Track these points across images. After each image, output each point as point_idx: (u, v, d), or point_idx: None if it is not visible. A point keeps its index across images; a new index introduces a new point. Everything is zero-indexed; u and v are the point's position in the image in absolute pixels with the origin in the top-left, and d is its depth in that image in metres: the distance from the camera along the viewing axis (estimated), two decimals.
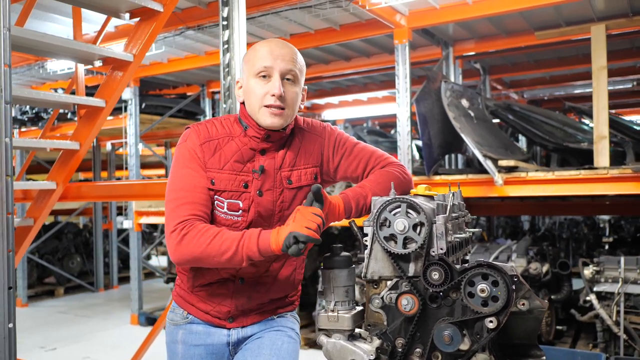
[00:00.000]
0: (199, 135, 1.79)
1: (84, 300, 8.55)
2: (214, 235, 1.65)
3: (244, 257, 1.64)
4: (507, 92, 9.04)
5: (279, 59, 1.75)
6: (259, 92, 1.75)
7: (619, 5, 5.06)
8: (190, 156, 1.77)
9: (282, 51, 1.77)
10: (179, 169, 1.78)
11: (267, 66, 1.74)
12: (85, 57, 3.18)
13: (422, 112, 4.95)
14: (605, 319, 4.40)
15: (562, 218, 10.60)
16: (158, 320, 3.90)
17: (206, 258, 1.66)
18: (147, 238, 12.21)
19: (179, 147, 1.82)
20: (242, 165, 1.78)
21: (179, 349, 1.90)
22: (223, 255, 1.64)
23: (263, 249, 1.63)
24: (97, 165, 8.94)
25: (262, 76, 1.75)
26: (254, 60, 1.77)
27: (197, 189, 1.74)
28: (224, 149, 1.79)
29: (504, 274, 1.49)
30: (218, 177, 1.76)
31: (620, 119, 6.22)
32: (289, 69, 1.76)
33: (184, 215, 1.70)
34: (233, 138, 1.80)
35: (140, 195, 3.80)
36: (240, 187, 1.77)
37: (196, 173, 1.75)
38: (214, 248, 1.64)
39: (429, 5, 4.88)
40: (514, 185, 4.53)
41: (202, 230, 1.66)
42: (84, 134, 3.42)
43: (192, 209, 1.71)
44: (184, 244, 1.66)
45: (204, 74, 7.53)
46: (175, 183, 1.76)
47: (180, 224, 1.68)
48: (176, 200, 1.73)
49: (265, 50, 1.76)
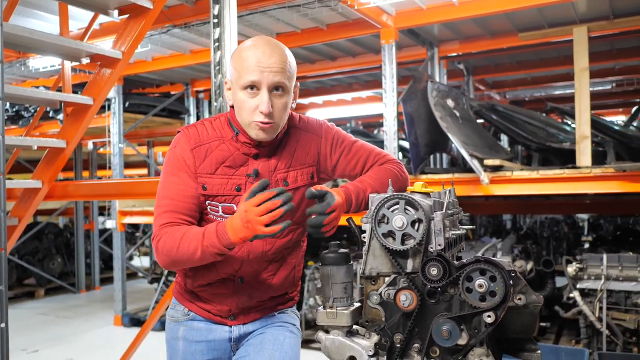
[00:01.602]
0: (189, 140, 1.77)
1: (65, 302, 8.44)
2: (180, 237, 1.65)
3: (212, 253, 1.63)
4: (489, 93, 9.15)
5: (266, 72, 1.66)
6: (248, 107, 1.70)
7: (601, 8, 5.16)
8: (178, 163, 1.76)
9: (270, 60, 1.67)
10: (166, 176, 1.78)
11: (255, 81, 1.67)
12: (73, 54, 3.15)
13: (409, 112, 4.99)
14: (588, 315, 4.48)
15: (543, 217, 10.75)
16: (147, 321, 3.87)
17: (181, 262, 1.68)
18: (130, 238, 12.09)
19: (169, 152, 1.81)
20: (234, 169, 1.77)
21: (179, 346, 1.89)
22: (194, 256, 1.64)
23: (225, 243, 1.60)
24: (78, 165, 8.83)
25: (249, 89, 1.69)
26: (241, 70, 1.69)
27: (179, 197, 1.73)
28: (215, 152, 1.76)
29: (501, 269, 1.52)
30: (210, 182, 1.75)
31: (601, 120, 6.34)
32: (277, 82, 1.68)
33: (162, 223, 1.72)
34: (224, 141, 1.78)
35: (128, 194, 3.77)
36: (232, 191, 1.76)
37: (181, 181, 1.74)
38: (183, 250, 1.64)
39: (416, 6, 4.91)
40: (499, 184, 4.58)
41: (170, 234, 1.67)
42: (70, 132, 3.39)
43: (172, 217, 1.72)
44: (159, 251, 1.69)
45: (189, 73, 7.48)
46: (161, 190, 1.77)
47: (157, 232, 1.71)
48: (159, 208, 1.75)
49: (253, 62, 1.67)
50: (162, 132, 8.75)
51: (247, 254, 1.80)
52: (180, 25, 5.07)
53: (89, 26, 3.81)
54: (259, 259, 1.82)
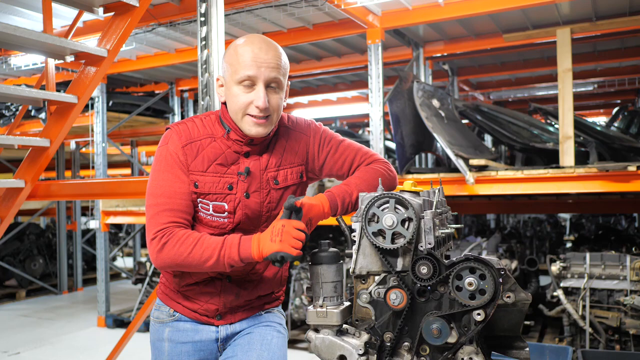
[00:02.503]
0: (180, 136, 1.74)
1: (47, 303, 8.33)
2: (194, 244, 1.64)
3: (226, 264, 1.64)
4: (473, 93, 9.22)
5: (263, 67, 1.68)
6: (242, 101, 1.70)
7: (584, 10, 5.22)
8: (171, 160, 1.73)
9: (267, 57, 1.69)
10: (159, 173, 1.74)
11: (251, 75, 1.68)
12: (58, 52, 3.10)
13: (395, 112, 5.00)
14: (572, 314, 4.53)
15: (526, 216, 10.87)
16: (133, 322, 3.83)
17: (188, 266, 1.66)
18: (113, 239, 11.98)
19: (159, 149, 1.77)
20: (225, 167, 1.76)
21: (165, 347, 1.87)
22: (205, 263, 1.64)
23: (244, 257, 1.63)
24: (60, 164, 8.73)
25: (245, 84, 1.69)
26: (237, 66, 1.69)
27: (177, 195, 1.71)
28: (207, 150, 1.75)
29: (491, 267, 1.53)
30: (202, 179, 1.73)
31: (584, 120, 6.41)
32: (273, 77, 1.70)
33: (163, 222, 1.68)
34: (215, 139, 1.77)
35: (113, 193, 3.73)
36: (224, 189, 1.75)
37: (176, 178, 1.72)
38: (195, 256, 1.63)
39: (402, 6, 4.93)
40: (484, 184, 4.62)
41: (182, 238, 1.65)
42: (54, 131, 3.34)
43: (172, 215, 1.69)
44: (164, 253, 1.65)
45: (173, 72, 7.43)
46: (155, 188, 1.73)
47: (159, 232, 1.67)
48: (156, 207, 1.70)
49: (249, 57, 1.68)
50: (146, 132, 8.68)
51: None
52: (165, 24, 5.03)
53: (73, 24, 3.76)
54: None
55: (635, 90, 8.97)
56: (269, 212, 1.80)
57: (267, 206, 1.80)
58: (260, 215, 1.79)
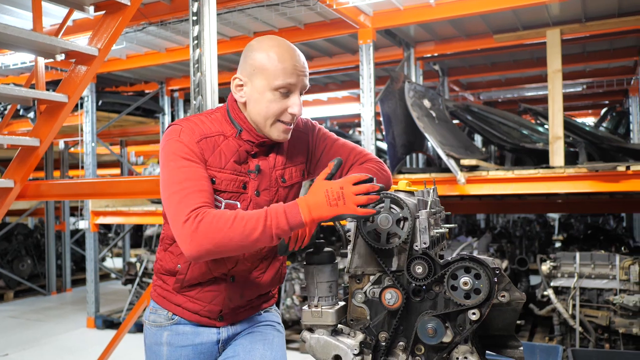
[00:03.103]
0: (192, 131, 1.67)
1: (35, 304, 8.26)
2: (233, 219, 1.51)
3: (274, 235, 1.51)
4: (464, 94, 9.26)
5: (301, 75, 1.69)
6: (278, 108, 1.69)
7: (573, 11, 5.26)
8: (189, 150, 1.64)
9: (304, 64, 1.71)
10: (176, 162, 1.62)
11: (292, 83, 1.67)
12: (48, 50, 3.07)
13: (386, 112, 5.01)
14: (562, 313, 4.57)
15: (515, 216, 10.93)
16: (124, 323, 3.80)
17: (228, 243, 1.50)
18: (102, 239, 11.90)
19: (170, 142, 1.66)
20: (239, 166, 1.73)
21: (163, 351, 1.83)
22: (249, 237, 1.50)
23: (294, 224, 1.51)
24: (49, 164, 8.66)
25: (282, 91, 1.67)
26: (277, 72, 1.66)
27: (203, 179, 1.61)
28: (222, 147, 1.70)
29: (486, 266, 1.53)
30: (219, 176, 1.68)
31: (573, 121, 6.47)
32: (306, 85, 1.73)
33: (195, 203, 1.55)
34: (227, 137, 1.73)
35: (104, 193, 3.70)
36: (240, 189, 1.73)
37: (197, 165, 1.63)
38: (237, 231, 1.49)
39: (393, 7, 4.94)
40: (475, 184, 4.63)
41: (218, 215, 1.52)
42: (44, 130, 3.31)
43: (203, 197, 1.58)
44: (200, 232, 1.50)
45: (164, 71, 7.39)
46: (177, 175, 1.60)
47: (193, 212, 1.53)
48: (182, 191, 1.57)
49: (291, 65, 1.66)
50: (135, 132, 8.63)
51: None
52: (156, 23, 5.00)
53: (63, 22, 3.73)
54: (254, 256, 1.81)
55: (623, 91, 9.05)
56: None
57: None
58: None
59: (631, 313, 4.36)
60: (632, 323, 4.34)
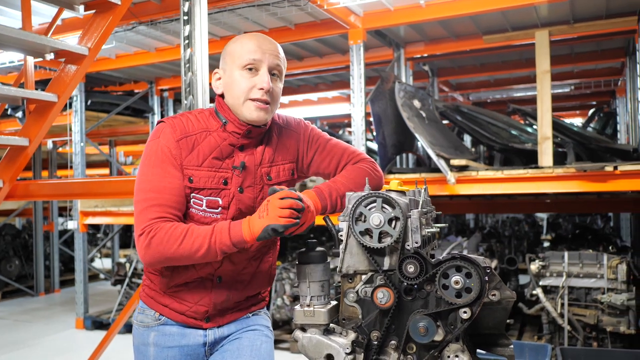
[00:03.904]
0: (174, 130, 1.71)
1: (23, 305, 8.19)
2: (183, 234, 1.61)
3: (218, 251, 1.61)
4: (453, 94, 9.31)
5: (267, 53, 1.73)
6: (245, 85, 1.71)
7: (562, 12, 5.31)
8: (162, 155, 1.69)
9: (270, 46, 1.75)
10: (148, 168, 1.70)
11: (256, 59, 1.72)
12: (38, 50, 3.05)
13: (377, 112, 5.03)
14: (550, 312, 4.60)
15: (504, 216, 11.00)
16: (114, 323, 3.78)
17: (179, 258, 1.63)
18: (90, 240, 11.82)
19: (150, 143, 1.73)
20: (220, 161, 1.74)
21: (150, 352, 1.83)
22: (196, 253, 1.61)
23: (236, 241, 1.60)
24: (37, 164, 8.59)
25: (248, 69, 1.72)
26: (241, 52, 1.73)
27: (166, 190, 1.68)
28: (202, 144, 1.73)
29: (477, 265, 1.54)
30: (197, 174, 1.71)
31: (562, 122, 6.52)
32: (276, 64, 1.75)
33: (150, 217, 1.64)
34: (210, 133, 1.75)
35: (94, 193, 3.68)
36: (219, 184, 1.73)
37: (166, 173, 1.68)
38: (186, 247, 1.60)
39: (383, 7, 4.96)
40: (465, 184, 4.66)
41: (169, 231, 1.62)
42: (33, 130, 3.28)
43: (160, 211, 1.66)
44: (153, 247, 1.61)
45: (153, 71, 7.36)
46: (143, 183, 1.69)
47: (147, 227, 1.63)
48: (144, 202, 1.67)
49: (254, 44, 1.73)
50: (125, 131, 8.59)
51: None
52: (146, 22, 4.99)
53: (52, 22, 3.70)
54: (240, 256, 1.80)
55: (610, 92, 9.14)
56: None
57: (260, 202, 1.78)
58: (253, 211, 1.77)
59: (619, 312, 4.40)
60: (620, 321, 4.39)
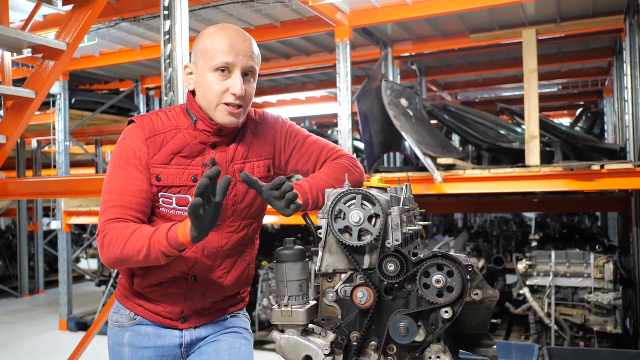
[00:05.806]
0: (143, 129, 1.68)
1: (7, 306, 8.08)
2: (129, 235, 1.56)
3: (158, 254, 1.53)
4: (441, 94, 9.29)
5: (240, 55, 1.65)
6: (218, 88, 1.65)
7: (549, 11, 5.30)
8: (127, 156, 1.67)
9: (244, 45, 1.67)
10: (112, 170, 1.68)
11: (229, 62, 1.64)
12: (15, 45, 2.97)
13: (363, 111, 4.99)
14: (537, 311, 4.59)
15: (492, 216, 11.01)
16: (93, 324, 3.71)
17: (127, 259, 1.57)
18: (76, 240, 11.68)
19: (118, 144, 1.71)
20: (190, 159, 1.70)
21: (125, 352, 1.78)
22: (139, 254, 1.54)
23: (172, 242, 1.51)
24: (21, 163, 8.49)
25: (221, 70, 1.65)
26: (214, 52, 1.65)
27: (126, 192, 1.64)
28: (171, 142, 1.69)
29: (458, 264, 1.50)
30: (164, 172, 1.67)
31: (549, 121, 6.52)
32: (249, 66, 1.68)
33: (108, 218, 1.62)
34: (180, 130, 1.71)
35: (74, 192, 3.60)
36: (189, 181, 1.69)
37: (129, 174, 1.65)
38: (130, 248, 1.55)
39: (370, 5, 4.92)
40: (452, 183, 4.64)
41: (119, 231, 1.58)
42: (10, 127, 3.20)
43: (119, 212, 1.63)
44: (104, 247, 1.59)
45: (138, 69, 7.28)
46: (107, 184, 1.68)
47: (102, 227, 1.61)
48: (105, 203, 1.65)
49: (227, 44, 1.64)
50: (110, 130, 8.47)
51: (202, 249, 1.73)
52: (129, 19, 4.91)
53: (30, 17, 3.63)
54: (214, 255, 1.75)
55: (598, 91, 9.17)
56: (234, 206, 1.74)
57: (233, 199, 1.74)
58: (225, 209, 1.73)
59: (605, 311, 4.40)
60: (606, 321, 4.38)
